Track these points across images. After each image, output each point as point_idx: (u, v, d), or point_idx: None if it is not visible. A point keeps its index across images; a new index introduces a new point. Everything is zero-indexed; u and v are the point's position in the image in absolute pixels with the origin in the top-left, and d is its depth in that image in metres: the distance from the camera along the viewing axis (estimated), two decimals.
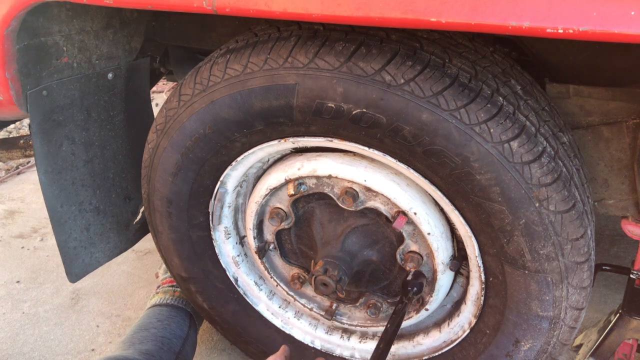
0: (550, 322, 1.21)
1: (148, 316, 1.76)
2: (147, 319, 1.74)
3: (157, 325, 1.70)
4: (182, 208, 1.47)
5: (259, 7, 0.97)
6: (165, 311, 1.77)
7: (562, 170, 1.08)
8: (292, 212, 1.43)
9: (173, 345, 1.66)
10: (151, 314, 1.77)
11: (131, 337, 1.65)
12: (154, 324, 1.71)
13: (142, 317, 1.78)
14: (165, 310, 1.78)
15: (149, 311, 1.80)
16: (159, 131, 1.37)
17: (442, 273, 1.32)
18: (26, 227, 2.82)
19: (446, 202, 1.18)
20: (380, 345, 1.26)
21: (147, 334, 1.66)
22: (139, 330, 1.68)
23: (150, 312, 1.78)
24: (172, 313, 1.77)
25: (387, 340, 1.27)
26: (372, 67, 1.06)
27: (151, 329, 1.68)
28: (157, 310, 1.78)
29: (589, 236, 1.15)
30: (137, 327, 1.71)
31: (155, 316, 1.75)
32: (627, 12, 0.75)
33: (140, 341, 1.62)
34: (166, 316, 1.75)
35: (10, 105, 1.34)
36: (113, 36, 1.51)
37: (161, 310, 1.77)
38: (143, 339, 1.63)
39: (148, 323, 1.72)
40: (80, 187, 1.57)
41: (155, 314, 1.76)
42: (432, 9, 0.85)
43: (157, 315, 1.75)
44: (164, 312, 1.77)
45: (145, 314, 1.78)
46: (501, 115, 1.05)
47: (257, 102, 1.18)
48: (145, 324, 1.72)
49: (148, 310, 1.81)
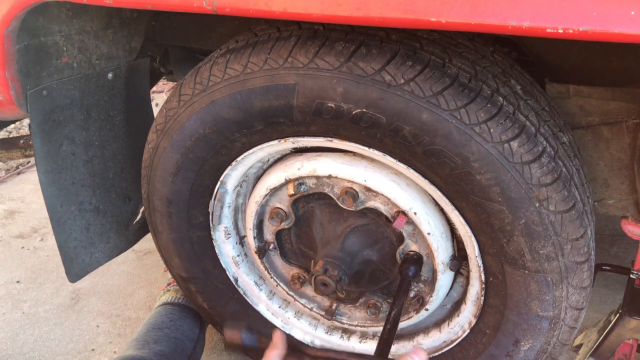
0: (550, 322, 1.21)
1: (160, 315, 1.75)
2: (159, 318, 1.73)
3: (169, 325, 1.69)
4: (182, 208, 1.47)
5: (259, 7, 0.97)
6: (176, 311, 1.76)
7: (562, 170, 1.08)
8: (292, 212, 1.43)
9: (185, 347, 1.65)
10: (163, 312, 1.76)
11: (145, 336, 1.64)
12: (166, 323, 1.70)
13: (154, 314, 1.77)
14: (176, 310, 1.77)
15: (161, 309, 1.78)
16: (159, 131, 1.37)
17: (442, 273, 1.32)
18: (26, 227, 2.82)
19: (446, 202, 1.18)
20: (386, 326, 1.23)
21: (160, 333, 1.65)
22: (152, 329, 1.67)
23: (162, 311, 1.77)
24: (183, 313, 1.76)
25: (394, 319, 1.24)
26: (372, 67, 1.06)
27: (164, 328, 1.67)
28: (169, 309, 1.77)
29: (589, 236, 1.15)
30: (150, 325, 1.70)
31: (167, 315, 1.74)
32: (627, 12, 0.75)
33: (154, 341, 1.61)
34: (178, 316, 1.74)
35: (10, 105, 1.34)
36: (113, 36, 1.51)
37: (173, 310, 1.77)
38: (157, 339, 1.62)
39: (161, 322, 1.71)
40: (80, 187, 1.57)
41: (167, 313, 1.75)
42: (432, 9, 0.85)
43: (170, 315, 1.74)
44: (176, 312, 1.76)
45: (157, 312, 1.77)
46: (501, 115, 1.05)
47: (257, 102, 1.18)
48: (158, 323, 1.71)
49: (159, 308, 1.80)
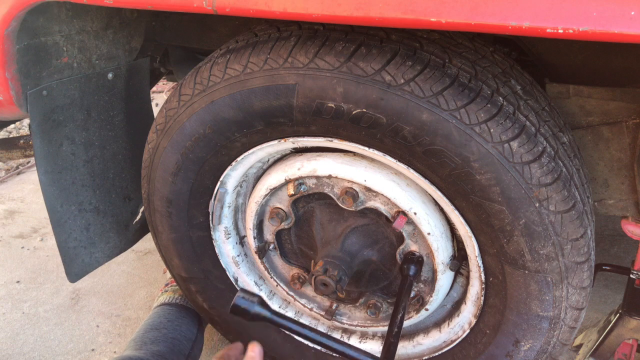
0: (550, 322, 1.21)
1: (158, 315, 1.75)
2: (157, 318, 1.73)
3: (167, 325, 1.69)
4: (182, 208, 1.47)
5: (259, 7, 0.97)
6: (174, 311, 1.76)
7: (562, 170, 1.08)
8: (292, 212, 1.43)
9: (183, 347, 1.65)
10: (161, 312, 1.76)
11: (142, 337, 1.64)
12: (164, 324, 1.70)
13: (152, 315, 1.77)
14: (174, 310, 1.77)
15: (159, 310, 1.78)
16: (159, 131, 1.37)
17: (442, 273, 1.32)
18: (26, 227, 2.82)
19: (446, 202, 1.18)
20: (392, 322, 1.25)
21: (158, 334, 1.65)
22: (150, 330, 1.67)
23: (160, 311, 1.77)
24: (181, 313, 1.76)
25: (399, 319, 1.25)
26: (372, 67, 1.06)
27: (162, 329, 1.67)
28: (167, 309, 1.77)
29: (589, 236, 1.15)
30: (148, 326, 1.70)
31: (165, 316, 1.74)
32: (627, 12, 0.75)
33: (151, 341, 1.61)
34: (176, 316, 1.74)
35: (10, 105, 1.34)
36: (113, 36, 1.51)
37: (170, 310, 1.77)
38: (155, 339, 1.62)
39: (159, 323, 1.71)
40: (80, 187, 1.57)
41: (165, 313, 1.75)
42: (432, 9, 0.85)
43: (167, 315, 1.74)
44: (174, 312, 1.76)
45: (155, 313, 1.77)
46: (501, 115, 1.05)
47: (257, 102, 1.18)
48: (156, 323, 1.71)
49: (157, 308, 1.80)
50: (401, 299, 1.27)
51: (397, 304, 1.27)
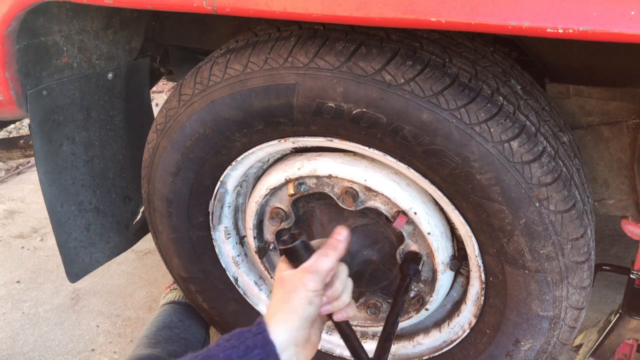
0: (551, 322, 1.21)
1: (168, 313, 1.73)
2: (167, 317, 1.72)
3: (179, 325, 1.68)
4: (182, 208, 1.47)
5: (259, 7, 0.97)
6: (184, 311, 1.75)
7: (562, 170, 1.08)
8: (292, 212, 1.43)
9: (195, 349, 1.65)
10: (171, 311, 1.75)
11: (156, 334, 1.62)
12: (175, 323, 1.69)
13: (161, 313, 1.75)
14: (184, 310, 1.75)
15: (168, 308, 1.77)
16: (159, 131, 1.37)
17: (442, 273, 1.32)
18: (26, 227, 2.82)
19: (446, 201, 1.18)
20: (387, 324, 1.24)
21: (171, 333, 1.63)
22: (162, 328, 1.66)
23: (170, 310, 1.75)
24: (192, 314, 1.75)
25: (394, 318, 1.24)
26: (372, 67, 1.06)
27: (174, 328, 1.66)
28: (177, 308, 1.76)
29: (589, 236, 1.15)
30: (160, 323, 1.68)
31: (176, 315, 1.72)
32: (627, 12, 0.75)
33: (165, 340, 1.60)
34: (187, 317, 1.72)
35: (10, 105, 1.34)
36: (113, 36, 1.51)
37: (181, 309, 1.75)
38: (169, 339, 1.61)
39: (170, 322, 1.69)
40: (80, 187, 1.57)
41: (175, 312, 1.74)
42: (432, 9, 0.85)
43: (178, 315, 1.72)
44: (184, 312, 1.74)
45: (165, 311, 1.76)
46: (501, 114, 1.05)
47: (257, 101, 1.18)
48: (167, 322, 1.69)
49: (166, 306, 1.79)
50: (399, 298, 1.27)
51: (395, 301, 1.27)
